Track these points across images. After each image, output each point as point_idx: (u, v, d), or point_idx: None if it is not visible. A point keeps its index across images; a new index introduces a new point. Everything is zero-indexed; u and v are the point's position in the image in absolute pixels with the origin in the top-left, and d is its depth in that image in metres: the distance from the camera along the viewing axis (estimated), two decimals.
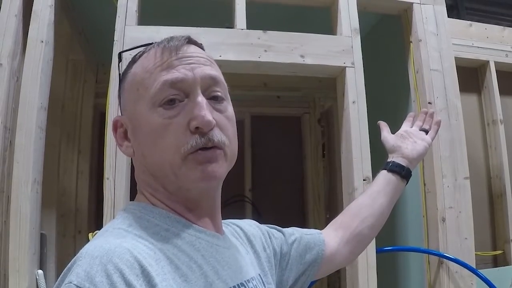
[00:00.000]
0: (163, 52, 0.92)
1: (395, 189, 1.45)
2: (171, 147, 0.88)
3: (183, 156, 0.87)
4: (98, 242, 0.79)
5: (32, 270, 2.13)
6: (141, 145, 0.93)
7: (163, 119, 0.88)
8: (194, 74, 0.90)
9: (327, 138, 4.42)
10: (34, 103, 2.23)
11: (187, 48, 0.94)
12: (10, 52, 2.28)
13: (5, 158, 2.23)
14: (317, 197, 4.17)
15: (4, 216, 2.19)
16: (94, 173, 3.44)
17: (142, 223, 0.89)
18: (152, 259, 0.79)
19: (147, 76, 0.92)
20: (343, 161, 2.46)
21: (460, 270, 2.34)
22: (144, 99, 0.91)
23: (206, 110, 0.88)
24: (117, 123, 0.99)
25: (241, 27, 2.40)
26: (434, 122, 1.62)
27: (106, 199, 2.12)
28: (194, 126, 0.87)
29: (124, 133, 0.98)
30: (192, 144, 0.87)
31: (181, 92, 0.89)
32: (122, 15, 2.31)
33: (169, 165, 0.88)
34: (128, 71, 0.98)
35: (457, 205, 2.41)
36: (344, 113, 2.44)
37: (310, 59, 2.41)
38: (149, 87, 0.90)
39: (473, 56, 2.82)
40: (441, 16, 2.68)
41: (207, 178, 0.89)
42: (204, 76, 0.92)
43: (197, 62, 0.93)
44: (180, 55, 0.92)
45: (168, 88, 0.89)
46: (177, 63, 0.91)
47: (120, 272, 0.73)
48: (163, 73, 0.90)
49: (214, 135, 0.89)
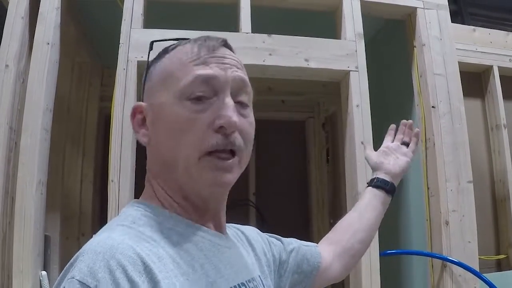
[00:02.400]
0: (200, 48, 0.92)
1: (381, 204, 1.47)
2: (191, 142, 0.87)
3: (200, 153, 0.87)
4: (101, 238, 0.79)
5: (35, 271, 2.13)
6: (160, 136, 0.92)
7: (189, 113, 0.88)
8: (226, 74, 0.90)
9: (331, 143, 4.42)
10: (39, 104, 2.24)
11: (222, 49, 0.95)
12: (16, 54, 2.29)
13: (10, 159, 2.24)
14: (321, 202, 4.17)
15: (9, 217, 2.20)
16: (98, 176, 3.44)
17: (145, 220, 0.88)
18: (155, 256, 0.79)
19: (179, 68, 0.91)
20: (347, 165, 2.46)
21: (463, 273, 2.34)
22: (173, 90, 0.90)
23: (233, 112, 0.88)
24: (136, 109, 0.98)
25: (246, 31, 2.41)
26: (413, 134, 1.65)
27: (111, 202, 2.12)
28: (218, 125, 0.86)
29: (142, 120, 0.97)
30: (213, 143, 0.87)
31: (211, 89, 0.89)
32: (127, 18, 2.32)
33: (184, 160, 0.88)
34: (159, 60, 0.98)
35: (461, 209, 2.42)
36: (348, 117, 2.45)
37: (315, 63, 2.42)
38: (180, 79, 0.90)
39: (476, 61, 2.83)
40: (445, 21, 2.69)
41: (218, 185, 0.89)
42: (235, 78, 0.92)
43: (230, 63, 0.93)
44: (216, 54, 0.92)
45: (199, 83, 0.89)
46: (212, 61, 0.91)
47: (123, 268, 0.72)
48: (197, 68, 0.90)
49: (235, 138, 0.89)
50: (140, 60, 2.26)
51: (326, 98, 4.09)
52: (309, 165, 4.25)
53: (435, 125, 2.50)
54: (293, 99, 4.12)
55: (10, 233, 2.17)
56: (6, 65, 2.26)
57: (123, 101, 2.21)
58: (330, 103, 4.13)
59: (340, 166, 3.86)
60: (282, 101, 4.13)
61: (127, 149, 2.17)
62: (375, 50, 2.89)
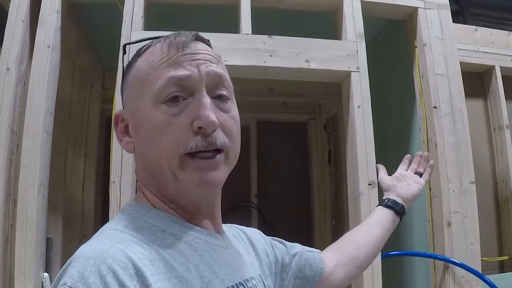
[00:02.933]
0: (170, 48, 0.90)
1: (390, 223, 1.51)
2: (171, 145, 0.86)
3: (181, 156, 0.86)
4: (93, 244, 0.79)
5: (37, 273, 2.13)
6: (142, 142, 0.92)
7: (165, 117, 0.86)
8: (199, 71, 0.89)
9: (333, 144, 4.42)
10: (40, 107, 2.24)
11: (194, 44, 0.93)
12: (17, 56, 2.29)
13: (12, 161, 2.24)
14: (323, 204, 4.17)
15: (11, 219, 2.20)
16: (100, 177, 3.44)
17: (138, 223, 0.88)
18: (147, 260, 0.78)
19: (151, 72, 0.90)
20: (348, 166, 2.46)
21: (466, 275, 2.33)
22: (147, 95, 0.89)
23: (210, 111, 0.86)
24: (118, 117, 0.97)
25: (247, 32, 2.41)
26: (428, 165, 1.72)
27: (112, 203, 2.12)
28: (197, 126, 0.85)
29: (125, 128, 0.96)
30: (192, 145, 0.85)
31: (186, 89, 0.88)
32: (128, 21, 2.32)
33: (168, 164, 0.87)
34: (133, 65, 0.96)
35: (463, 210, 2.41)
36: (349, 118, 2.44)
37: (315, 64, 2.41)
38: (153, 83, 0.89)
39: (478, 61, 2.83)
40: (446, 21, 2.68)
41: (206, 185, 0.88)
42: (210, 73, 0.90)
43: (203, 59, 0.91)
44: (186, 52, 0.90)
45: (172, 85, 0.87)
46: (183, 60, 0.89)
47: (114, 273, 0.72)
48: (168, 70, 0.88)
49: (217, 137, 0.87)
50: None
51: (328, 99, 4.09)
52: (311, 166, 4.25)
53: (436, 126, 2.49)
54: (294, 101, 4.12)
55: (12, 235, 2.17)
56: (7, 68, 2.27)
57: None
58: (332, 104, 4.14)
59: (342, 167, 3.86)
60: (283, 102, 4.13)
61: None
62: (376, 51, 2.89)
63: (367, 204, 2.29)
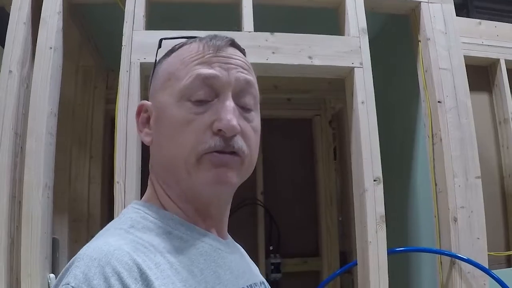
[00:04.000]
0: (204, 48, 0.91)
1: None
2: (188, 143, 0.86)
3: (198, 155, 0.86)
4: (98, 244, 0.79)
5: (43, 274, 2.14)
6: (161, 136, 0.91)
7: (188, 114, 0.87)
8: (228, 75, 0.89)
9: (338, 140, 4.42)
10: (44, 109, 2.25)
11: (229, 49, 0.93)
12: (19, 59, 2.30)
13: (16, 163, 2.24)
14: (329, 200, 4.17)
15: (16, 221, 2.20)
16: (106, 178, 3.45)
17: (145, 224, 0.88)
18: (152, 262, 0.78)
19: (181, 68, 0.91)
20: (353, 162, 2.45)
21: (472, 270, 2.32)
22: (174, 89, 0.90)
23: (233, 115, 0.86)
24: (141, 108, 0.98)
25: (249, 30, 2.41)
26: None
27: (117, 203, 2.12)
28: (217, 127, 0.85)
29: (146, 119, 0.97)
30: (210, 145, 0.85)
31: (212, 90, 0.88)
32: (129, 21, 2.32)
33: (184, 162, 0.87)
34: (164, 59, 0.97)
35: (469, 205, 2.39)
36: (353, 114, 2.43)
37: (318, 60, 2.41)
38: (181, 79, 0.90)
39: (483, 54, 2.80)
40: (450, 15, 2.66)
41: (220, 182, 0.87)
42: (239, 79, 0.91)
43: (235, 64, 0.92)
44: (220, 54, 0.91)
45: (199, 83, 0.88)
46: (215, 61, 0.90)
47: (118, 275, 0.72)
48: (199, 67, 0.89)
49: (236, 142, 0.87)
50: (143, 62, 2.25)
51: (333, 95, 4.09)
52: (317, 162, 4.26)
53: (441, 120, 2.48)
54: (299, 97, 4.12)
55: (18, 237, 2.18)
56: (9, 70, 2.27)
57: (127, 104, 2.21)
58: (337, 100, 4.13)
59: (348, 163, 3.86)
60: (288, 99, 4.13)
61: (132, 150, 2.17)
62: (379, 46, 2.88)
63: (373, 200, 2.28)
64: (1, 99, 2.25)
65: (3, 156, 2.20)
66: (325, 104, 4.26)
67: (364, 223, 2.28)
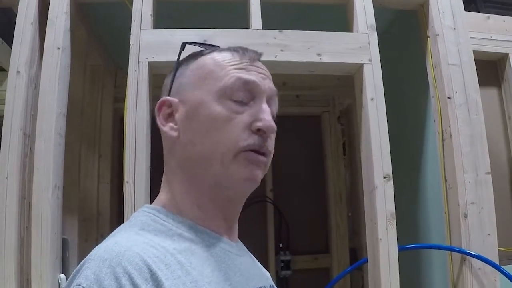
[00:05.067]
0: (241, 57, 0.97)
1: None
2: (228, 139, 0.90)
3: (236, 151, 0.90)
4: (109, 245, 0.80)
5: (54, 275, 2.15)
6: (195, 132, 0.94)
7: (228, 112, 0.92)
8: (264, 83, 0.96)
9: (347, 136, 4.41)
10: (52, 109, 2.25)
11: (258, 62, 1.00)
12: (27, 60, 2.30)
13: (25, 164, 2.25)
14: (338, 196, 4.16)
15: (26, 222, 2.21)
16: (115, 177, 3.45)
17: (155, 226, 0.89)
18: (162, 263, 0.79)
19: (218, 70, 0.95)
20: (363, 159, 2.44)
21: (483, 266, 2.31)
22: (212, 88, 0.94)
23: (271, 117, 0.93)
24: (164, 103, 0.99)
25: (257, 27, 2.40)
26: None
27: (126, 203, 2.12)
28: (257, 127, 0.91)
29: (169, 114, 0.98)
30: (250, 142, 0.90)
31: (250, 94, 0.94)
32: (137, 20, 2.32)
33: (221, 156, 0.90)
34: (194, 60, 1.01)
35: (479, 201, 2.38)
36: (362, 111, 2.42)
37: (327, 57, 2.40)
38: (220, 79, 0.94)
39: (492, 49, 2.78)
40: (458, 10, 2.64)
41: (252, 179, 0.92)
42: (271, 88, 0.98)
43: (266, 75, 0.99)
44: (255, 64, 0.98)
45: (240, 85, 0.93)
46: (252, 69, 0.96)
47: (129, 276, 0.73)
48: (238, 72, 0.95)
49: (270, 144, 0.94)
50: (151, 61, 2.25)
51: (341, 91, 4.08)
52: (326, 159, 4.24)
53: (451, 116, 2.47)
54: (307, 94, 4.12)
55: (27, 238, 2.19)
56: (17, 71, 2.27)
57: (135, 102, 2.21)
58: (345, 97, 4.13)
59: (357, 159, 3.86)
60: (296, 96, 4.12)
61: (141, 150, 2.17)
62: (388, 42, 2.86)
63: (383, 197, 2.27)
64: (10, 100, 2.25)
65: (12, 157, 2.20)
66: (334, 101, 4.25)
67: (374, 220, 2.27)
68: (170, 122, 0.98)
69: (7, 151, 2.21)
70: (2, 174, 2.19)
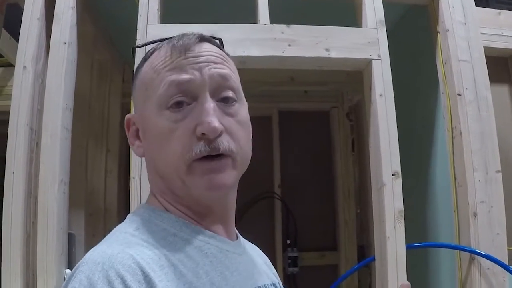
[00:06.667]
0: (172, 51, 0.90)
1: None
2: (176, 152, 0.86)
3: (187, 162, 0.85)
4: (102, 248, 0.80)
5: (60, 270, 2.15)
6: (150, 147, 0.92)
7: (169, 123, 0.86)
8: (202, 75, 0.87)
9: (356, 133, 4.38)
10: (59, 104, 2.25)
11: (198, 46, 0.91)
12: (33, 55, 2.31)
13: (31, 159, 2.26)
14: (347, 192, 4.14)
15: (32, 217, 2.22)
16: (122, 172, 3.45)
17: (149, 227, 0.88)
18: (156, 265, 0.78)
19: (155, 76, 0.90)
20: (372, 156, 2.42)
21: (492, 266, 2.28)
22: (152, 100, 0.89)
23: (213, 116, 0.85)
24: (129, 121, 0.98)
25: (264, 22, 2.38)
26: None
27: (133, 199, 2.12)
28: (200, 132, 0.84)
29: (136, 131, 0.97)
30: (196, 151, 0.84)
31: (189, 94, 0.87)
32: (143, 14, 2.31)
33: (175, 170, 0.87)
34: (140, 69, 0.96)
35: (489, 200, 2.36)
36: (371, 107, 2.40)
37: (335, 53, 2.38)
38: (156, 88, 0.88)
39: (503, 45, 2.75)
40: (469, 5, 2.61)
41: (214, 188, 0.86)
42: (213, 76, 0.88)
43: (206, 61, 0.89)
44: (189, 55, 0.89)
45: (174, 89, 0.86)
46: (185, 63, 0.88)
47: (122, 279, 0.72)
48: (170, 74, 0.88)
49: (221, 142, 0.86)
50: None
51: (350, 87, 4.06)
52: (334, 155, 4.23)
53: (461, 113, 2.44)
54: (316, 89, 4.10)
55: (34, 233, 2.20)
56: (24, 66, 2.28)
57: None
58: (354, 92, 4.10)
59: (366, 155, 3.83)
60: (305, 91, 4.10)
61: None
62: (397, 38, 2.83)
63: (391, 195, 2.25)
64: (16, 95, 2.26)
65: (18, 152, 2.21)
66: (343, 96, 4.23)
67: (382, 218, 2.25)
68: (137, 140, 0.96)
69: (13, 146, 2.22)
70: (9, 168, 2.20)
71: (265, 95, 3.83)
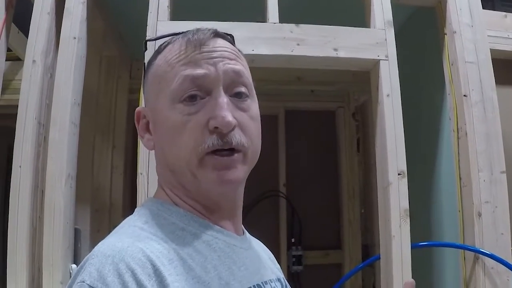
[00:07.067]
0: (187, 46, 0.90)
1: None
2: (188, 145, 0.86)
3: (199, 155, 0.85)
4: (112, 241, 0.80)
5: (66, 264, 2.16)
6: (161, 140, 0.92)
7: (182, 116, 0.86)
8: (216, 70, 0.88)
9: (362, 133, 4.39)
10: (67, 99, 2.26)
11: (212, 42, 0.91)
12: (43, 49, 2.32)
13: (39, 153, 2.26)
14: (351, 192, 4.14)
15: (39, 211, 2.22)
16: (128, 168, 3.45)
17: (158, 220, 0.88)
18: (165, 259, 0.78)
19: (169, 70, 0.90)
20: (378, 156, 2.43)
21: (496, 266, 2.29)
22: (165, 93, 0.89)
23: (227, 110, 0.85)
24: (140, 114, 0.98)
25: (274, 21, 2.39)
26: None
27: (140, 194, 2.12)
28: (213, 125, 0.84)
29: (146, 124, 0.96)
30: (209, 144, 0.85)
31: (203, 88, 0.87)
32: (154, 11, 2.31)
33: (186, 164, 0.87)
34: (152, 62, 0.96)
35: (494, 200, 2.36)
36: (378, 107, 2.41)
37: (344, 52, 2.39)
38: (170, 82, 0.88)
39: (509, 48, 2.75)
40: (476, 7, 2.62)
41: (224, 183, 0.87)
42: (227, 71, 0.89)
43: (220, 56, 0.90)
44: (204, 50, 0.89)
45: (188, 84, 0.87)
46: (200, 58, 0.88)
47: (132, 272, 0.73)
48: (185, 68, 0.88)
49: (234, 136, 0.86)
50: None
51: (357, 87, 4.06)
52: (340, 155, 4.22)
53: (467, 114, 2.45)
54: (322, 89, 4.09)
55: (40, 227, 2.20)
56: (33, 60, 2.28)
57: None
58: (361, 93, 4.10)
59: (371, 155, 3.84)
60: (311, 91, 4.10)
61: None
62: (405, 39, 2.84)
63: (397, 194, 2.26)
64: (25, 89, 2.27)
65: (26, 146, 2.22)
66: (349, 96, 4.23)
67: (387, 217, 2.26)
68: (148, 133, 0.96)
69: (21, 139, 2.22)
70: (16, 162, 2.21)
71: (272, 94, 3.82)
